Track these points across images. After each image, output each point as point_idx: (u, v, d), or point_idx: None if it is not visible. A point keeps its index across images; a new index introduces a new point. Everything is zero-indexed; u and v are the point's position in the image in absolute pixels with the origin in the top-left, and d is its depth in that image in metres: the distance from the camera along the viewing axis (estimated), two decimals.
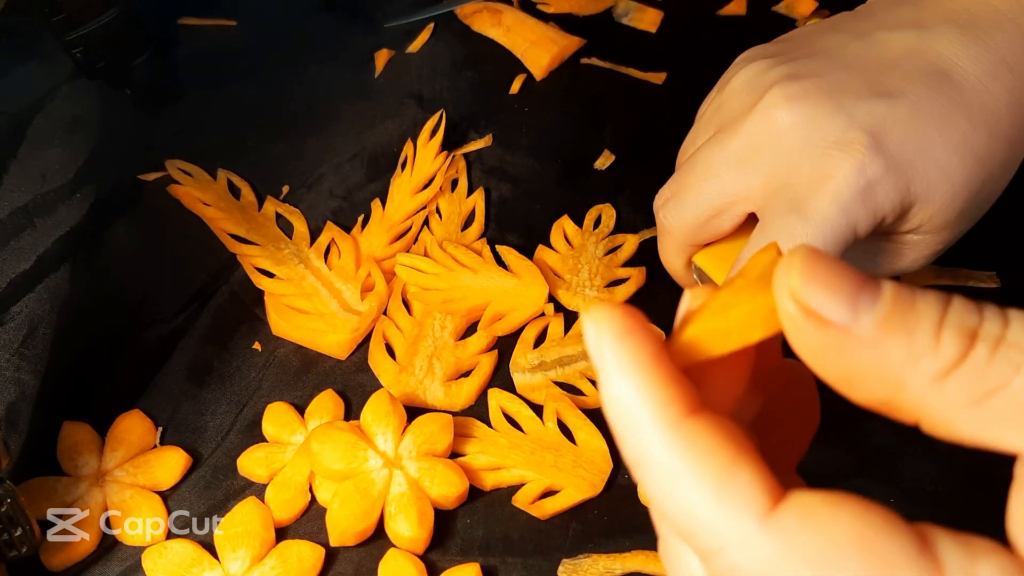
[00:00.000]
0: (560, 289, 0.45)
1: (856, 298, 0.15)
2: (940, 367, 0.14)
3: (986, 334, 0.14)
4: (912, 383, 0.15)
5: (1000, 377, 0.14)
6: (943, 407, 0.15)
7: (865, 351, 0.15)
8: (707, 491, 0.15)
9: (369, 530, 0.37)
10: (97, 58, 0.53)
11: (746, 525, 0.15)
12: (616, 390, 0.16)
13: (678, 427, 0.16)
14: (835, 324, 0.15)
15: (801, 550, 0.15)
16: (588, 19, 0.58)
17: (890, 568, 0.14)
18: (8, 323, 0.45)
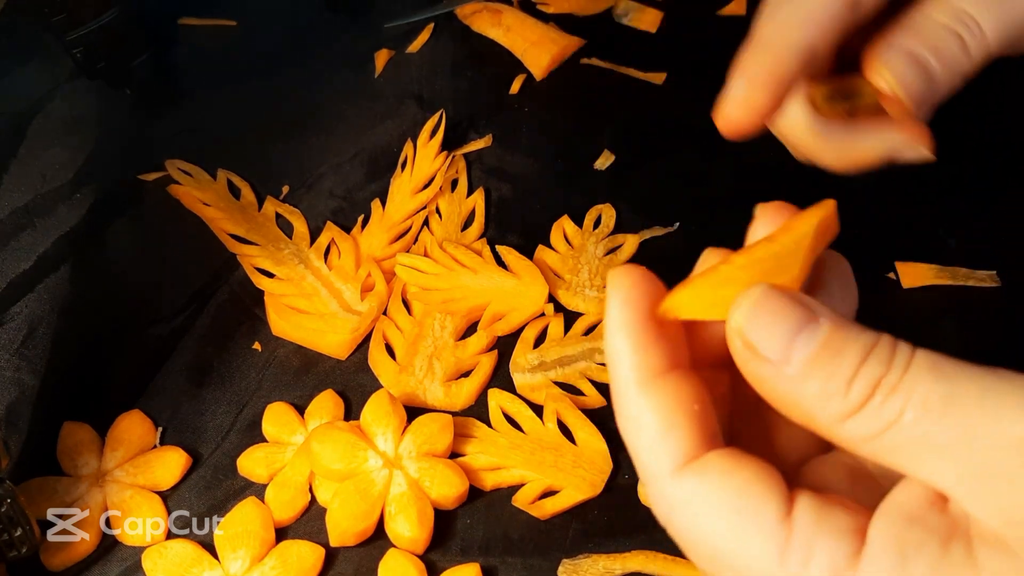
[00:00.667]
0: (560, 289, 0.45)
1: (793, 339, 0.18)
2: (844, 410, 0.17)
3: (886, 383, 0.17)
4: (822, 417, 0.18)
5: (890, 417, 0.17)
6: (846, 439, 0.18)
7: (789, 384, 0.18)
8: (646, 440, 0.19)
9: (369, 530, 0.37)
10: (97, 58, 0.53)
11: (663, 473, 0.19)
12: (609, 344, 0.20)
13: (643, 385, 0.20)
14: (769, 360, 0.18)
15: (688, 501, 0.19)
16: (588, 19, 0.58)
17: (746, 531, 0.18)
18: (8, 323, 0.45)
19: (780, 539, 0.18)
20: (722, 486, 0.18)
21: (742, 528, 0.18)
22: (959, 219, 0.46)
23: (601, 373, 0.42)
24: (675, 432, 0.19)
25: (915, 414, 0.17)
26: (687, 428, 0.19)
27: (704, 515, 0.18)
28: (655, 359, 0.20)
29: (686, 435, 0.19)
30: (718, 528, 0.18)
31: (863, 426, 0.17)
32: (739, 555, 0.18)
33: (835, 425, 0.18)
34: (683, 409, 0.19)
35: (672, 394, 0.19)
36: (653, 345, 0.20)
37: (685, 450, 0.19)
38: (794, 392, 0.18)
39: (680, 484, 0.19)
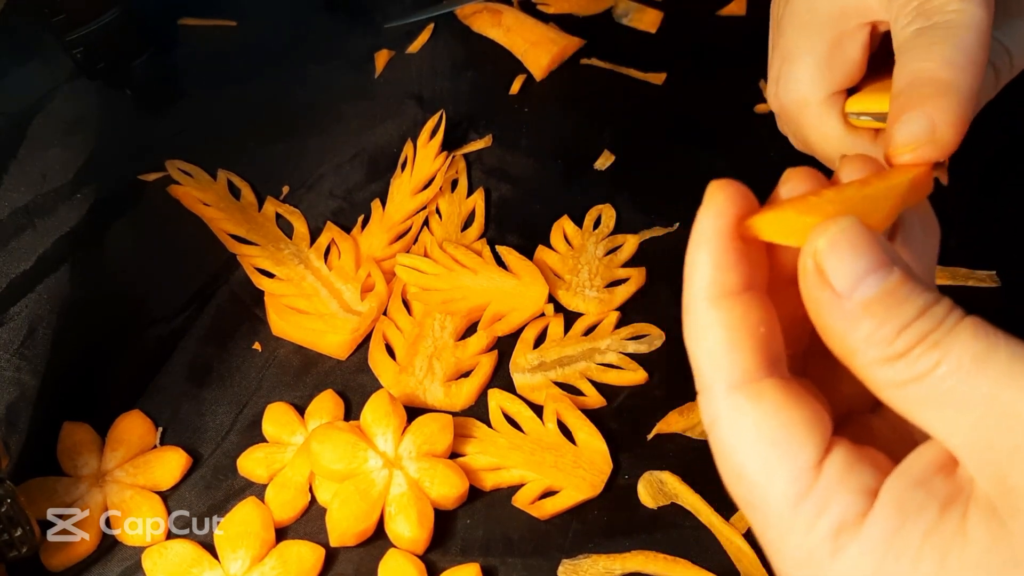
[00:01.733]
0: (560, 289, 0.45)
1: (863, 277, 0.18)
2: (885, 356, 0.18)
3: (931, 338, 0.18)
4: (861, 356, 0.18)
5: (924, 369, 0.18)
6: (875, 380, 0.18)
7: (843, 318, 0.19)
8: (707, 353, 0.20)
9: (369, 530, 0.37)
10: (97, 58, 0.53)
11: (717, 387, 0.20)
12: (691, 254, 0.21)
13: (715, 300, 0.20)
14: (834, 289, 0.19)
15: (733, 422, 0.19)
16: (588, 19, 0.58)
17: (775, 469, 0.19)
18: (8, 323, 0.45)
19: (803, 486, 0.18)
20: (767, 418, 0.19)
21: (772, 465, 0.19)
22: (959, 219, 0.46)
23: (601, 373, 0.42)
24: (737, 351, 0.20)
25: (946, 369, 0.17)
26: (750, 349, 0.20)
27: (743, 439, 0.19)
28: (732, 277, 0.20)
29: (747, 356, 0.20)
30: (751, 456, 0.19)
31: (897, 373, 0.18)
32: (761, 488, 0.19)
33: (870, 366, 0.18)
34: (749, 330, 0.20)
35: (741, 314, 0.20)
36: (733, 263, 0.20)
37: (743, 370, 0.20)
38: (845, 326, 0.19)
39: (730, 402, 0.19)
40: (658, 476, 0.39)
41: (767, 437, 0.19)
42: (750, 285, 0.20)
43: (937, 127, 0.23)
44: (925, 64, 0.24)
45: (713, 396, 0.20)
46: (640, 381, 0.42)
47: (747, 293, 0.20)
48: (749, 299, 0.20)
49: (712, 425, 0.20)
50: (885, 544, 0.17)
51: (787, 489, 0.18)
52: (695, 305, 0.20)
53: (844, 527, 0.18)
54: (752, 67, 0.54)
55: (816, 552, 0.18)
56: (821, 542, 0.18)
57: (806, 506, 0.18)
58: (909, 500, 0.18)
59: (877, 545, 0.17)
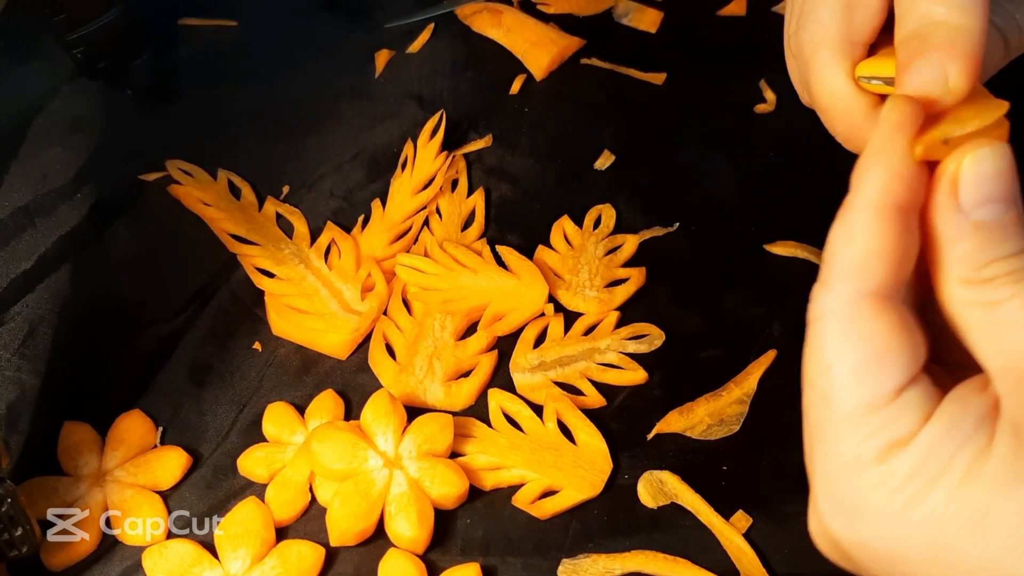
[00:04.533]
0: (560, 289, 0.45)
1: (985, 202, 0.20)
2: (971, 278, 0.20)
3: (1014, 275, 0.20)
4: (953, 269, 0.20)
5: (998, 297, 0.20)
6: (955, 295, 0.20)
7: (954, 228, 0.20)
8: (854, 254, 0.21)
9: (369, 530, 0.37)
10: (98, 58, 0.53)
11: (848, 288, 0.21)
12: (865, 161, 0.22)
13: (878, 210, 0.21)
14: (959, 201, 0.20)
15: (850, 322, 0.20)
16: (588, 19, 0.58)
17: (862, 380, 0.20)
18: (8, 323, 0.45)
19: (880, 403, 0.20)
20: (879, 335, 0.20)
21: (864, 374, 0.20)
22: None
23: (601, 373, 0.42)
24: (883, 263, 0.21)
25: (1016, 305, 0.19)
26: (893, 267, 0.21)
27: (849, 340, 0.21)
28: (904, 192, 0.21)
29: (889, 272, 0.21)
30: (850, 358, 0.20)
31: (973, 294, 0.20)
32: (843, 388, 0.20)
33: (955, 281, 0.20)
34: (900, 249, 0.21)
35: (899, 232, 0.21)
36: (909, 178, 0.21)
37: (880, 283, 0.21)
38: (952, 237, 0.21)
39: (854, 304, 0.21)
40: (658, 476, 0.39)
41: (872, 349, 0.20)
42: (911, 210, 0.21)
43: (950, 75, 0.23)
44: (933, 7, 0.23)
45: (840, 293, 0.21)
46: (640, 381, 0.42)
47: (909, 215, 0.21)
48: (905, 223, 0.21)
49: (822, 316, 0.21)
50: (920, 459, 0.19)
51: (865, 399, 0.20)
52: (860, 209, 0.21)
53: (896, 444, 0.20)
54: (752, 67, 0.54)
55: (863, 457, 0.20)
56: (872, 451, 0.20)
57: (874, 419, 0.20)
58: (955, 416, 0.20)
59: (912, 460, 0.19)
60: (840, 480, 0.21)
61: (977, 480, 0.19)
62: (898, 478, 0.20)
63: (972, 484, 0.19)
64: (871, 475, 0.20)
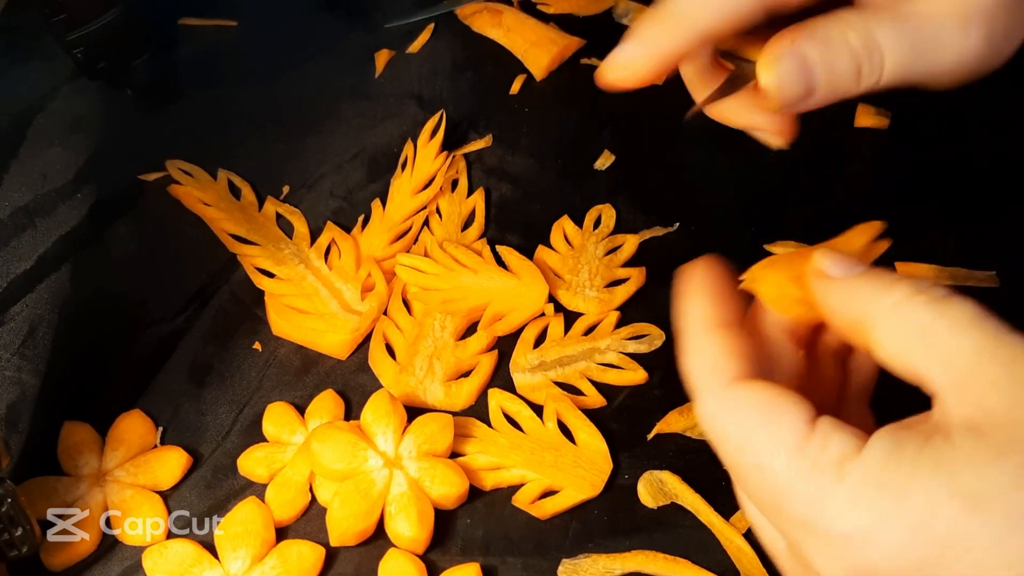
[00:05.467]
0: (560, 289, 0.45)
1: (851, 266, 0.24)
2: (893, 301, 0.22)
3: (930, 293, 0.22)
4: (872, 311, 0.23)
5: (927, 320, 0.21)
6: (887, 333, 0.22)
7: (847, 289, 0.24)
8: (705, 363, 0.24)
9: (369, 530, 0.37)
10: (98, 58, 0.53)
11: (716, 386, 0.24)
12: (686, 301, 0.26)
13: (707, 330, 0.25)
14: (833, 276, 0.24)
15: (734, 403, 0.23)
16: (588, 19, 0.58)
17: (778, 425, 0.22)
18: (8, 323, 0.45)
19: (804, 433, 0.22)
20: (763, 396, 0.23)
21: (772, 424, 0.22)
22: (959, 219, 0.46)
23: (601, 373, 0.42)
24: (728, 359, 0.24)
25: (946, 323, 0.21)
26: (737, 359, 0.24)
27: (742, 416, 0.23)
28: (719, 314, 0.25)
29: (736, 363, 0.24)
30: (752, 425, 0.22)
31: (901, 323, 0.22)
32: (765, 446, 0.22)
33: (880, 320, 0.22)
34: (736, 347, 0.24)
35: (729, 337, 0.25)
36: (718, 305, 0.25)
37: (734, 372, 0.24)
38: (851, 294, 0.23)
39: (729, 392, 0.23)
40: (658, 476, 0.39)
41: (763, 408, 0.23)
42: (733, 322, 0.25)
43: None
44: None
45: (709, 394, 0.24)
46: (640, 381, 0.42)
47: (731, 326, 0.25)
48: (732, 330, 0.25)
49: (712, 419, 0.24)
50: (884, 462, 0.20)
51: (789, 439, 0.22)
52: (694, 334, 0.25)
53: (845, 457, 0.21)
54: None
55: (823, 480, 0.21)
56: (827, 471, 0.21)
57: (808, 448, 0.21)
58: (898, 435, 0.21)
59: (877, 463, 0.20)
60: (816, 517, 0.21)
61: (950, 468, 0.19)
62: (869, 486, 0.20)
63: (950, 472, 0.19)
64: (841, 494, 0.20)
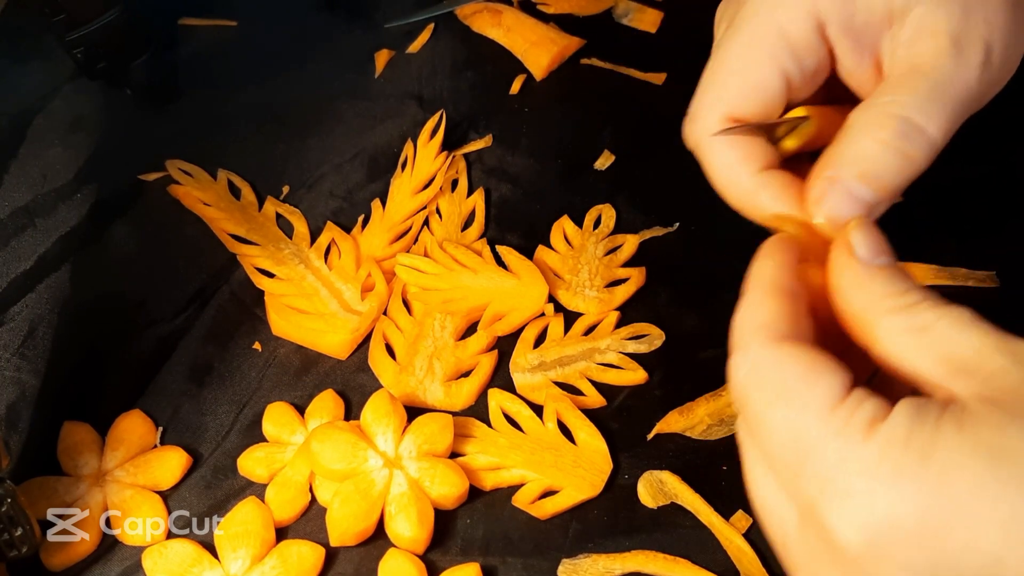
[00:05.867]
0: (560, 289, 0.45)
1: (880, 253, 0.24)
2: (898, 304, 0.23)
3: (935, 299, 0.23)
4: (877, 307, 0.23)
5: (929, 320, 0.22)
6: (887, 329, 0.23)
7: (864, 275, 0.24)
8: (762, 318, 0.24)
9: (369, 530, 0.37)
10: (98, 58, 0.53)
11: (762, 339, 0.23)
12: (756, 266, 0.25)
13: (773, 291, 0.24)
14: (859, 257, 0.24)
15: (777, 359, 0.23)
16: (588, 19, 0.58)
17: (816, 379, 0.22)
18: (8, 323, 0.45)
19: (838, 396, 0.22)
20: (802, 354, 0.23)
21: (810, 381, 0.22)
22: (959, 219, 0.46)
23: (601, 373, 0.42)
24: (782, 320, 0.24)
25: (945, 324, 0.22)
26: (792, 322, 0.24)
27: (781, 370, 0.23)
28: (788, 279, 0.25)
29: (789, 324, 0.24)
30: (790, 380, 0.22)
31: (903, 322, 0.23)
32: (800, 401, 0.22)
33: (883, 316, 0.23)
34: (797, 311, 0.24)
35: (793, 302, 0.24)
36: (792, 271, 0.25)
37: (784, 332, 0.24)
38: (865, 282, 0.24)
39: (770, 348, 0.23)
40: (658, 476, 0.39)
41: (807, 366, 0.22)
42: (798, 295, 0.25)
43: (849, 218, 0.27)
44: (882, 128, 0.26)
45: (757, 345, 0.23)
46: (640, 381, 0.42)
47: (796, 297, 0.25)
48: (796, 300, 0.25)
49: (752, 368, 0.23)
50: (909, 423, 0.21)
51: (826, 397, 0.22)
52: (755, 289, 0.25)
53: (875, 419, 0.21)
54: None
55: (852, 439, 0.21)
56: (856, 431, 0.21)
57: (841, 409, 0.21)
58: (919, 404, 0.21)
59: (902, 425, 0.21)
60: (841, 474, 0.21)
61: (971, 430, 0.20)
62: (895, 447, 0.20)
63: (972, 431, 0.20)
64: (867, 452, 0.21)
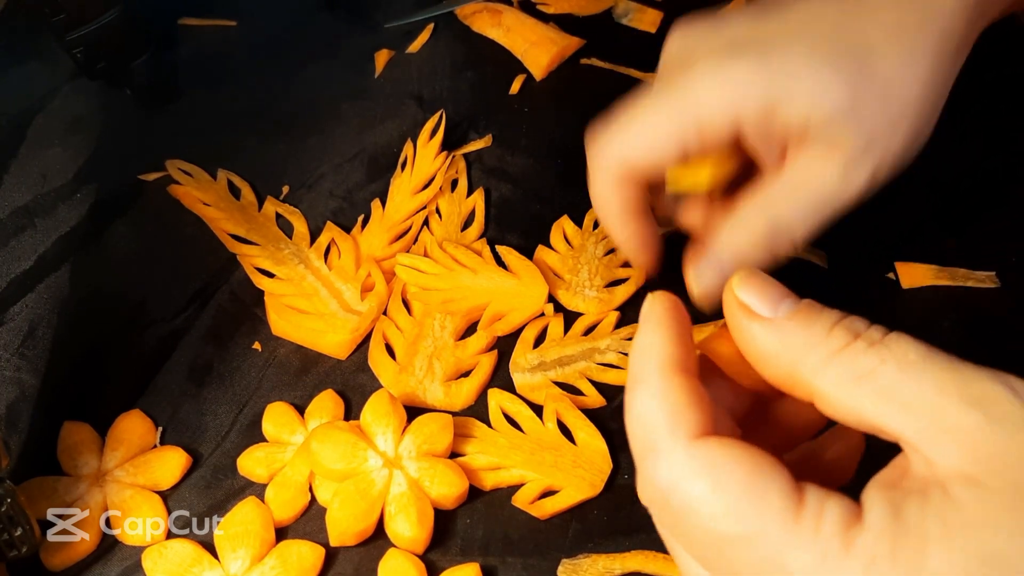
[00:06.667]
0: (560, 289, 0.45)
1: (777, 301, 0.22)
2: (828, 351, 0.20)
3: (867, 336, 0.20)
4: (806, 362, 0.20)
5: (871, 365, 0.19)
6: (829, 383, 0.20)
7: (776, 335, 0.21)
8: (665, 414, 0.21)
9: (369, 530, 0.37)
10: (97, 58, 0.53)
11: (680, 443, 0.20)
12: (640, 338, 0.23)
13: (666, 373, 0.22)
14: (758, 315, 0.21)
15: (708, 465, 0.20)
16: (588, 19, 0.59)
17: (765, 492, 0.19)
18: (8, 323, 0.45)
19: (796, 500, 0.19)
20: (739, 455, 0.20)
21: (759, 491, 0.19)
22: (959, 219, 0.46)
23: (601, 373, 0.42)
24: (694, 409, 0.21)
25: (892, 368, 0.19)
26: (704, 410, 0.21)
27: (719, 480, 0.20)
28: (682, 356, 0.22)
29: (703, 415, 0.21)
30: (733, 492, 0.20)
31: (842, 372, 0.20)
32: (755, 514, 0.19)
33: (820, 369, 0.20)
34: (700, 394, 0.22)
35: (693, 382, 0.22)
36: (682, 344, 0.23)
37: (702, 425, 0.21)
38: (781, 340, 0.21)
39: (696, 452, 0.20)
40: None
41: (746, 471, 0.20)
42: (693, 369, 0.23)
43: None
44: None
45: (672, 454, 0.21)
46: None
47: (692, 373, 0.22)
48: (694, 377, 0.22)
49: (674, 483, 0.20)
50: (891, 529, 0.18)
51: (783, 505, 0.19)
52: (648, 376, 0.22)
53: (847, 525, 0.19)
54: None
55: (829, 551, 0.18)
56: (831, 539, 0.18)
57: (806, 513, 0.19)
58: (893, 495, 0.19)
59: (883, 531, 0.18)
60: None
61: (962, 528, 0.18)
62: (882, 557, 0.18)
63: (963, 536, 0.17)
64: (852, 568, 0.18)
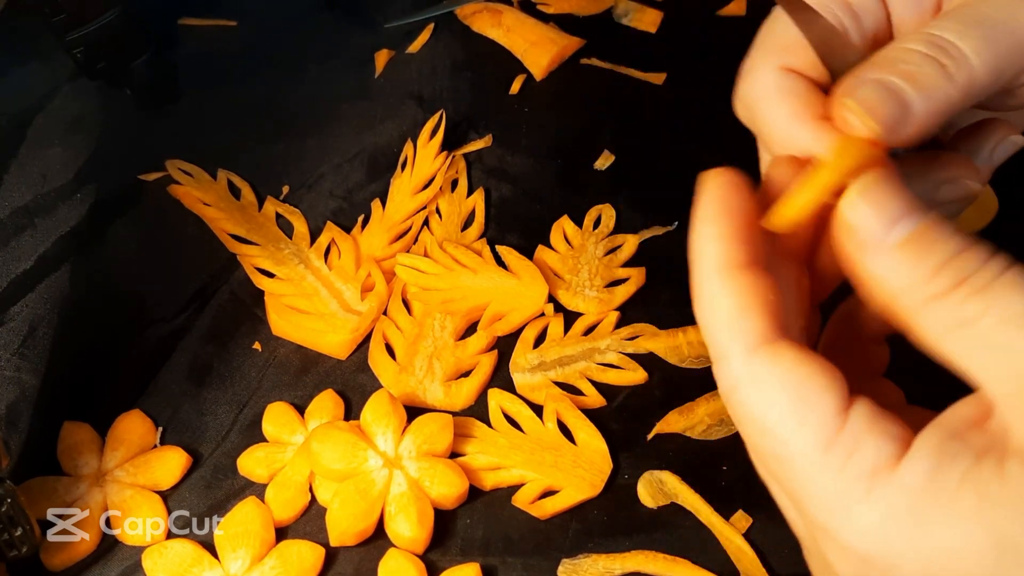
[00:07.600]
0: (560, 289, 0.45)
1: (895, 222, 0.19)
2: (930, 293, 0.19)
3: (972, 282, 0.18)
4: (906, 299, 0.19)
5: (971, 314, 0.18)
6: (922, 326, 0.19)
7: (881, 262, 0.19)
8: (722, 321, 0.20)
9: (369, 530, 0.37)
10: (98, 58, 0.53)
11: (735, 353, 0.20)
12: (698, 232, 0.22)
13: (722, 274, 0.21)
14: (871, 236, 0.19)
15: (755, 379, 0.20)
16: (588, 19, 0.58)
17: (803, 415, 0.19)
18: (8, 323, 0.45)
19: (832, 430, 0.19)
20: (789, 372, 0.19)
21: (800, 414, 0.19)
22: None
23: (601, 373, 0.42)
24: (751, 316, 0.20)
25: (994, 320, 0.18)
26: (762, 314, 0.20)
27: (767, 394, 0.20)
28: (739, 251, 0.21)
29: (761, 320, 0.20)
30: (777, 409, 0.19)
31: (941, 317, 0.19)
32: (789, 437, 0.19)
33: (916, 310, 0.19)
34: (760, 296, 0.21)
35: (751, 282, 0.21)
36: (740, 238, 0.21)
37: (759, 333, 0.20)
38: (885, 272, 0.19)
39: (750, 363, 0.20)
40: (658, 476, 0.39)
41: (791, 389, 0.19)
42: (755, 260, 0.21)
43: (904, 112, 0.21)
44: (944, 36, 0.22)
45: (731, 361, 0.20)
46: (640, 381, 0.42)
47: (753, 266, 0.21)
48: (755, 271, 0.21)
49: (733, 389, 0.20)
50: (922, 485, 0.18)
51: (816, 434, 0.19)
52: (707, 277, 0.21)
53: (878, 469, 0.18)
54: None
55: (848, 491, 0.18)
56: (854, 481, 0.18)
57: (836, 448, 0.18)
58: (945, 448, 0.18)
59: (914, 485, 0.18)
60: (836, 528, 0.19)
61: (996, 507, 0.17)
62: (900, 512, 0.18)
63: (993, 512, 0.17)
64: (866, 513, 0.18)
